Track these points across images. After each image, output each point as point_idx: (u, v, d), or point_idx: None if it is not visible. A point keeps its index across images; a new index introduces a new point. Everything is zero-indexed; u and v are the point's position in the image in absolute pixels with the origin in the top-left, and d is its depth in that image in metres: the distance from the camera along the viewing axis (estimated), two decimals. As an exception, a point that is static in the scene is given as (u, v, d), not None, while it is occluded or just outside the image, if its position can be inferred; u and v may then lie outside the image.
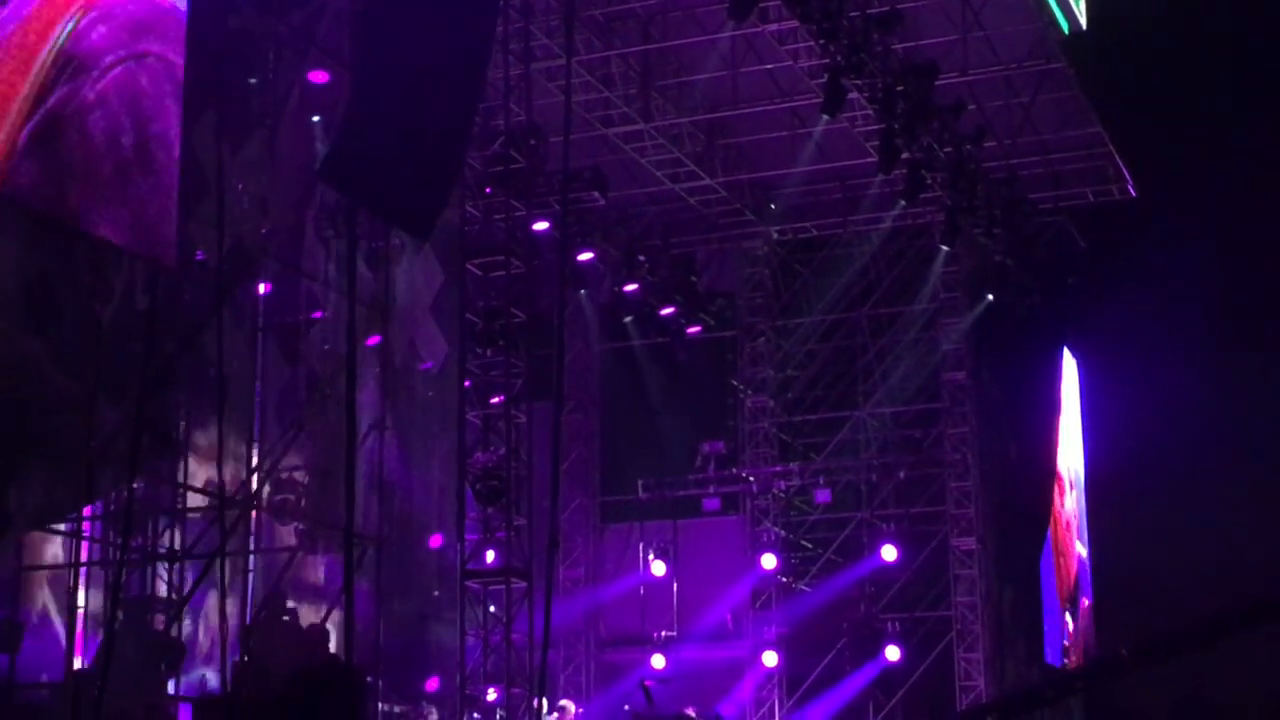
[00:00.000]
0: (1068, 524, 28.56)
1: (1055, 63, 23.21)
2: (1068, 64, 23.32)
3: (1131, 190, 26.22)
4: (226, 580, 17.55)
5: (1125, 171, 25.97)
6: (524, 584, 19.46)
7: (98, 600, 17.45)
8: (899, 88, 21.14)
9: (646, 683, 22.79)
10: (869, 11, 20.52)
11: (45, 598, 17.16)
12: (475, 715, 19.97)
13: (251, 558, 19.90)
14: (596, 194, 23.07)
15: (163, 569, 17.88)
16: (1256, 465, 28.48)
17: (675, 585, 26.88)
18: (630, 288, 25.99)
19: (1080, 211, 26.63)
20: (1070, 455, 28.93)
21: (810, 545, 27.26)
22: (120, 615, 16.27)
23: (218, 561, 17.37)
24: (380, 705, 19.52)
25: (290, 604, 20.13)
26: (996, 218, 24.13)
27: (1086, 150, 25.73)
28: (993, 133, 23.65)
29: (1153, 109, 27.82)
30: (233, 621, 17.95)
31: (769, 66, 23.20)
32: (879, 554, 26.13)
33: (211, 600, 18.55)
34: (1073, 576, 28.51)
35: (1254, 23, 27.58)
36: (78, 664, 16.60)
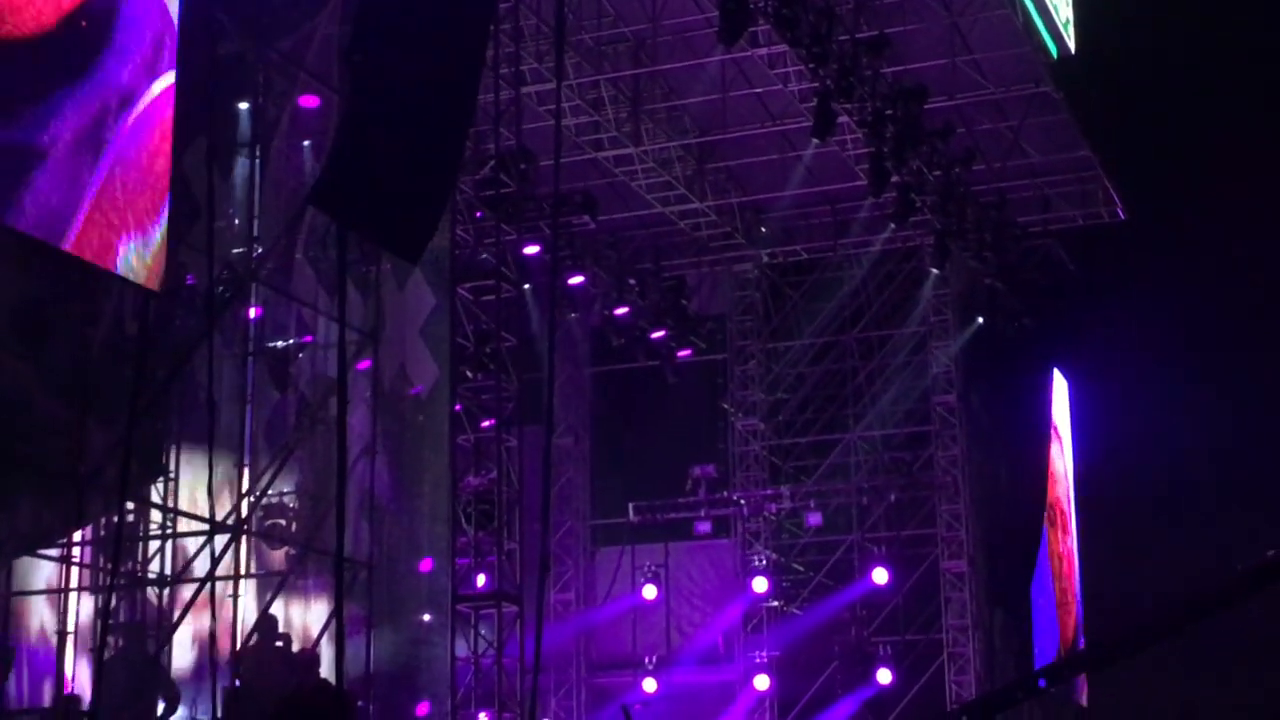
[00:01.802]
0: (1070, 564, 28.50)
1: (1044, 86, 23.28)
2: (1056, 88, 23.40)
3: (1120, 213, 26.29)
4: (217, 605, 17.53)
5: (1114, 194, 26.04)
6: (515, 608, 19.43)
7: (88, 625, 17.40)
8: (888, 111, 21.20)
9: (628, 706, 22.78)
10: (858, 36, 20.60)
11: (35, 623, 17.10)
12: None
13: (242, 583, 19.84)
14: (587, 217, 23.10)
15: (153, 594, 17.83)
16: (1247, 485, 28.49)
17: (666, 608, 26.86)
18: (620, 311, 26.01)
19: (1069, 234, 26.70)
20: (1068, 489, 28.97)
21: (801, 568, 27.25)
22: (115, 640, 16.23)
23: (207, 587, 17.36)
24: (371, 730, 19.44)
25: (282, 629, 20.09)
26: (986, 241, 24.19)
27: (1075, 173, 25.82)
28: (982, 156, 23.74)
29: (1141, 132, 27.89)
30: (224, 647, 17.91)
31: (759, 90, 23.27)
32: (870, 577, 26.12)
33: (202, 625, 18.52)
34: (1073, 622, 28.48)
35: (1242, 46, 27.67)
36: (68, 689, 16.53)
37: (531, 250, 22.22)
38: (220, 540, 17.74)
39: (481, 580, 19.84)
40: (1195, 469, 28.30)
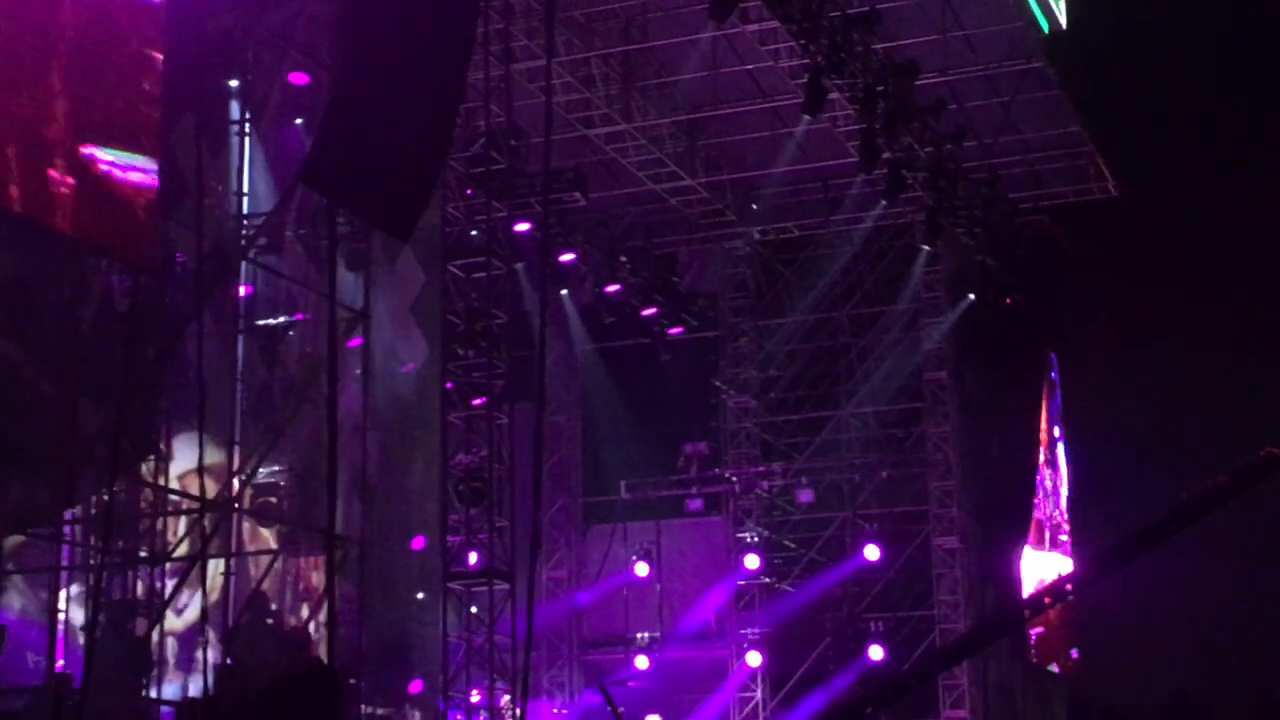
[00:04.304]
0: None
1: (1036, 62, 23.23)
2: (1048, 63, 23.35)
3: (1112, 189, 26.26)
4: (208, 584, 17.51)
5: (1106, 170, 26.01)
6: (506, 585, 19.44)
7: (78, 604, 17.37)
8: (879, 88, 21.15)
9: (605, 685, 22.85)
10: (849, 11, 20.53)
11: (25, 601, 17.08)
12: (458, 716, 19.93)
13: (233, 561, 19.83)
14: (578, 195, 23.06)
15: (144, 573, 17.81)
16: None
17: (658, 586, 26.88)
18: (612, 288, 26.00)
19: (1061, 211, 26.66)
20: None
21: (793, 545, 27.26)
22: (102, 619, 16.21)
23: (199, 565, 17.34)
24: (363, 707, 19.46)
25: (273, 606, 20.09)
26: (977, 217, 24.17)
27: (1067, 149, 25.78)
28: (973, 132, 23.70)
29: (1133, 108, 27.85)
30: (215, 625, 17.90)
31: (750, 67, 23.22)
32: (862, 554, 26.15)
33: (193, 603, 18.51)
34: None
35: (1234, 20, 27.62)
36: (58, 667, 16.51)
37: (522, 228, 22.19)
38: (211, 518, 17.71)
39: (473, 558, 19.84)
40: (1190, 444, 28.29)
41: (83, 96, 13.51)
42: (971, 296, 26.31)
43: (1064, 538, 29.31)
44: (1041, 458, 28.77)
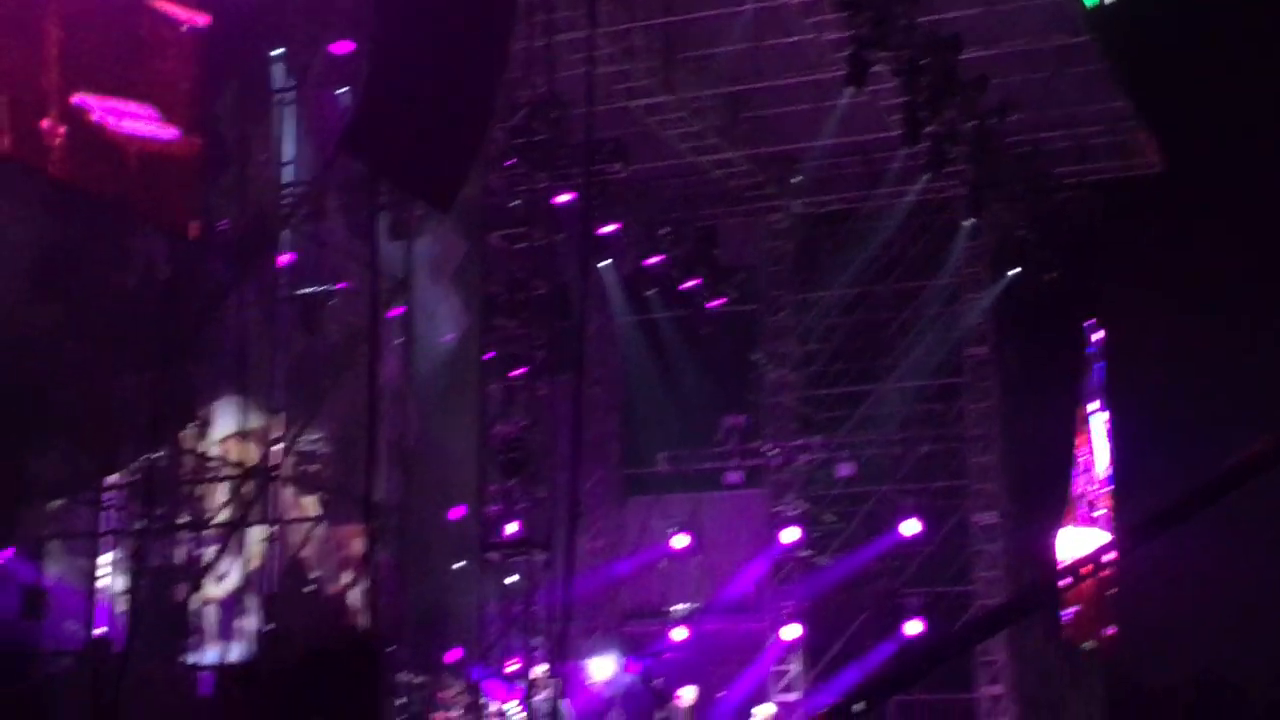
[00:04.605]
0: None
1: (1080, 35, 23.05)
2: (1093, 36, 23.16)
3: (1158, 164, 26.05)
4: (248, 551, 17.64)
5: (1151, 145, 25.81)
6: (545, 555, 19.48)
7: (118, 570, 17.51)
8: (923, 61, 21.05)
9: (643, 660, 22.97)
10: (893, -16, 20.42)
11: (62, 568, 17.21)
12: (495, 685, 20.01)
13: (274, 528, 19.94)
14: (619, 166, 23.01)
15: (184, 539, 17.93)
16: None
17: (697, 558, 26.89)
18: (652, 260, 25.97)
19: (1105, 186, 26.46)
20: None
21: (832, 519, 27.22)
22: (142, 585, 16.34)
23: (239, 532, 17.46)
24: (401, 675, 19.56)
25: (313, 574, 20.20)
26: (1020, 191, 24.05)
27: (1112, 123, 25.57)
28: (1017, 106, 23.53)
29: (1180, 81, 27.59)
30: (255, 592, 18.03)
31: (792, 39, 23.09)
32: (900, 528, 26.10)
33: (234, 571, 18.63)
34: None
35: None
36: (99, 633, 16.65)
37: (563, 199, 22.18)
38: (252, 485, 17.82)
39: (512, 528, 19.89)
40: (1235, 422, 28.10)
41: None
42: (1013, 271, 26.18)
43: (1098, 513, 29.20)
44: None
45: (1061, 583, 4.92)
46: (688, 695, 22.68)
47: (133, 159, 14.42)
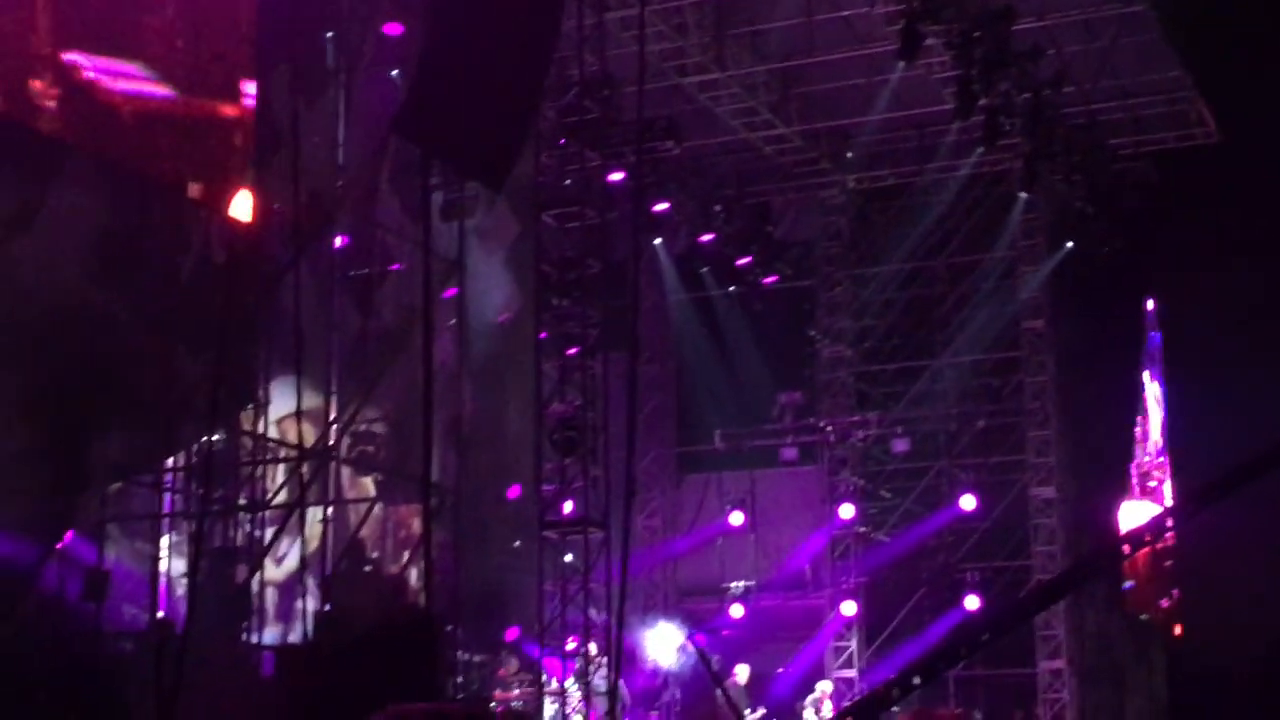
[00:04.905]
0: None
1: (1135, 5, 22.84)
2: (1148, 5, 22.95)
3: (1214, 134, 25.82)
4: (307, 531, 17.74)
5: (1208, 115, 25.58)
6: (601, 534, 19.51)
7: (177, 552, 17.65)
8: (976, 33, 20.90)
9: (692, 635, 22.97)
10: (945, -44, 20.29)
11: (129, 548, 17.36)
12: (554, 663, 20.08)
13: (332, 509, 20.07)
14: (671, 144, 22.98)
15: (244, 520, 18.05)
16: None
17: (753, 535, 26.89)
18: (706, 238, 25.93)
19: (1162, 156, 26.22)
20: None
21: (888, 495, 27.16)
22: (204, 566, 16.45)
23: (297, 513, 17.56)
24: (460, 654, 19.66)
25: (371, 554, 20.32)
26: (1076, 164, 23.85)
27: (1168, 94, 25.34)
28: (1072, 77, 23.34)
29: (1236, 50, 27.29)
30: (314, 573, 18.14)
31: (845, 13, 22.98)
32: (958, 503, 26.01)
33: (292, 552, 18.75)
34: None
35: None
36: (160, 614, 16.80)
37: (616, 177, 22.16)
38: (310, 466, 17.92)
39: (568, 507, 19.93)
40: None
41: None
42: (1069, 244, 26.01)
43: (1152, 484, 29.02)
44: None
45: (1119, 551, 4.87)
46: (743, 673, 22.70)
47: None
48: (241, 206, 15.99)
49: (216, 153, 14.97)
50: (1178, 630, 29.35)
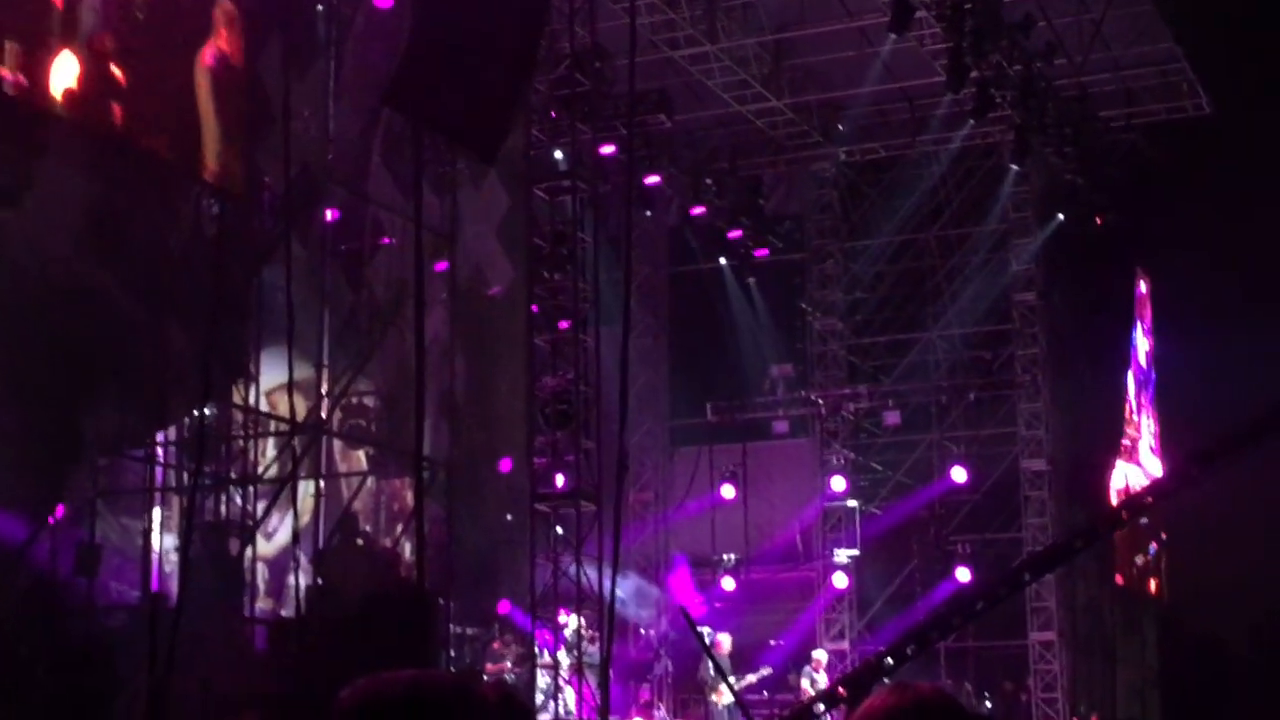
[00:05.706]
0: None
1: (1127, -23, 22.83)
2: (1140, -23, 22.93)
3: (1205, 106, 25.81)
4: (299, 505, 17.74)
5: (1199, 87, 25.56)
6: (593, 507, 19.52)
7: (171, 525, 17.64)
8: (967, 5, 20.86)
9: (685, 608, 23.01)
10: (936, -73, 20.25)
11: (121, 522, 17.34)
12: (546, 636, 20.11)
13: (324, 482, 20.04)
14: (662, 117, 22.97)
15: (236, 494, 18.04)
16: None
17: (745, 508, 26.93)
18: (697, 211, 25.92)
19: (1153, 128, 26.23)
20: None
21: (880, 467, 27.22)
22: (196, 540, 16.44)
23: (289, 487, 17.55)
24: (452, 627, 19.67)
25: (363, 528, 20.31)
26: (1067, 136, 23.84)
27: (1159, 66, 25.33)
28: (1063, 49, 23.31)
29: (1228, 22, 27.28)
30: (306, 546, 18.13)
31: (836, -14, 22.95)
32: (949, 476, 26.07)
33: (283, 526, 18.75)
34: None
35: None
36: (154, 588, 16.79)
37: (607, 150, 22.13)
38: (301, 440, 17.90)
39: (560, 480, 19.93)
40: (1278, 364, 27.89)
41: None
42: (1061, 216, 26.01)
43: (1127, 443, 29.07)
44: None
45: (1109, 521, 4.88)
46: (726, 642, 22.73)
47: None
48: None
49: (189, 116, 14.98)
50: (1153, 586, 29.42)
